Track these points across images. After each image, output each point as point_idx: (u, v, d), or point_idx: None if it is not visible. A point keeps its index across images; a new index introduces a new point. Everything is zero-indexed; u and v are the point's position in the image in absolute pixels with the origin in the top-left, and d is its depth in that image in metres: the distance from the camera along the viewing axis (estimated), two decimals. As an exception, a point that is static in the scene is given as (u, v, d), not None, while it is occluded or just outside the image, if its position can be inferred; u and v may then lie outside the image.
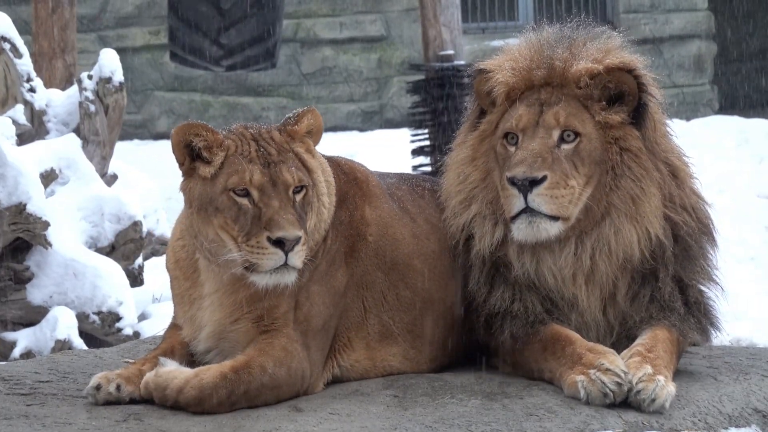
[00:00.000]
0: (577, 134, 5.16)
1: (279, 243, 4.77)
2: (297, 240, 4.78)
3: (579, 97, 5.21)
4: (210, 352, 5.07)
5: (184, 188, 5.00)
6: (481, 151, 5.37)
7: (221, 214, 4.87)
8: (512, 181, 5.07)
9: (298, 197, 4.91)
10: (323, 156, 5.31)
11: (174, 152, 4.96)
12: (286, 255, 4.78)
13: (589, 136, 5.16)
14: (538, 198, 5.05)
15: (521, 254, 5.22)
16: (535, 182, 5.04)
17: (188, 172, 4.98)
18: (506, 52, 5.45)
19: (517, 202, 5.08)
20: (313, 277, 5.05)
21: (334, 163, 5.35)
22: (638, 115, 5.21)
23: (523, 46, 5.41)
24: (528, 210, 5.07)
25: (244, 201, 4.84)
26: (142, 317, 10.32)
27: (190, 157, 4.96)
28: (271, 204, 4.82)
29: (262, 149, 4.92)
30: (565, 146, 5.15)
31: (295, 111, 5.09)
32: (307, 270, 5.01)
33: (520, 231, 5.11)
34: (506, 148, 5.25)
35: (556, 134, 5.16)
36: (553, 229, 5.09)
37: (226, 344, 5.02)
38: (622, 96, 5.21)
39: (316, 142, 5.10)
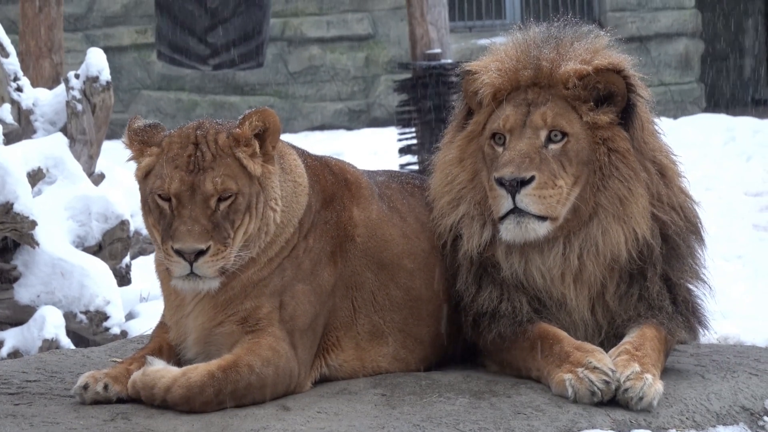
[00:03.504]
0: (564, 134, 5.16)
1: (180, 253, 4.78)
2: (196, 252, 4.77)
3: (566, 98, 5.20)
4: (198, 357, 5.05)
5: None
6: (469, 152, 5.37)
7: (152, 213, 4.92)
8: (500, 182, 5.07)
9: (224, 205, 4.86)
10: (311, 156, 5.30)
11: None
12: (191, 265, 4.79)
13: (577, 136, 5.16)
14: (526, 198, 5.05)
15: (509, 254, 5.22)
16: (523, 183, 5.04)
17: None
18: (493, 53, 5.44)
19: (505, 203, 5.08)
20: (298, 276, 5.04)
21: (324, 163, 5.33)
22: (626, 115, 5.21)
23: (509, 46, 5.40)
24: (516, 210, 5.07)
25: (165, 205, 4.86)
26: (130, 316, 10.28)
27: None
28: (181, 213, 4.81)
29: (199, 153, 4.88)
30: (552, 146, 5.15)
31: (245, 111, 5.02)
32: (290, 269, 5.00)
33: (509, 231, 5.11)
34: (494, 148, 5.24)
35: (543, 134, 5.16)
36: (542, 229, 5.09)
37: (212, 348, 5.00)
38: (610, 96, 5.20)
39: (274, 143, 5.00)
